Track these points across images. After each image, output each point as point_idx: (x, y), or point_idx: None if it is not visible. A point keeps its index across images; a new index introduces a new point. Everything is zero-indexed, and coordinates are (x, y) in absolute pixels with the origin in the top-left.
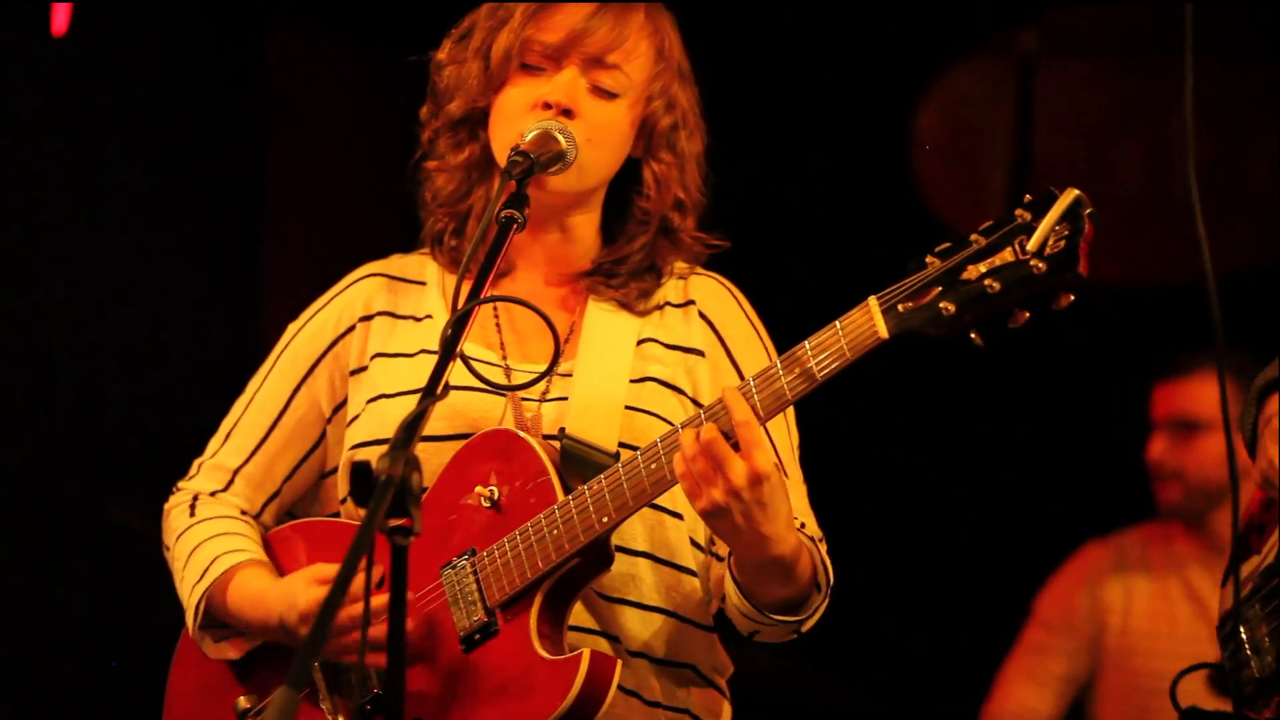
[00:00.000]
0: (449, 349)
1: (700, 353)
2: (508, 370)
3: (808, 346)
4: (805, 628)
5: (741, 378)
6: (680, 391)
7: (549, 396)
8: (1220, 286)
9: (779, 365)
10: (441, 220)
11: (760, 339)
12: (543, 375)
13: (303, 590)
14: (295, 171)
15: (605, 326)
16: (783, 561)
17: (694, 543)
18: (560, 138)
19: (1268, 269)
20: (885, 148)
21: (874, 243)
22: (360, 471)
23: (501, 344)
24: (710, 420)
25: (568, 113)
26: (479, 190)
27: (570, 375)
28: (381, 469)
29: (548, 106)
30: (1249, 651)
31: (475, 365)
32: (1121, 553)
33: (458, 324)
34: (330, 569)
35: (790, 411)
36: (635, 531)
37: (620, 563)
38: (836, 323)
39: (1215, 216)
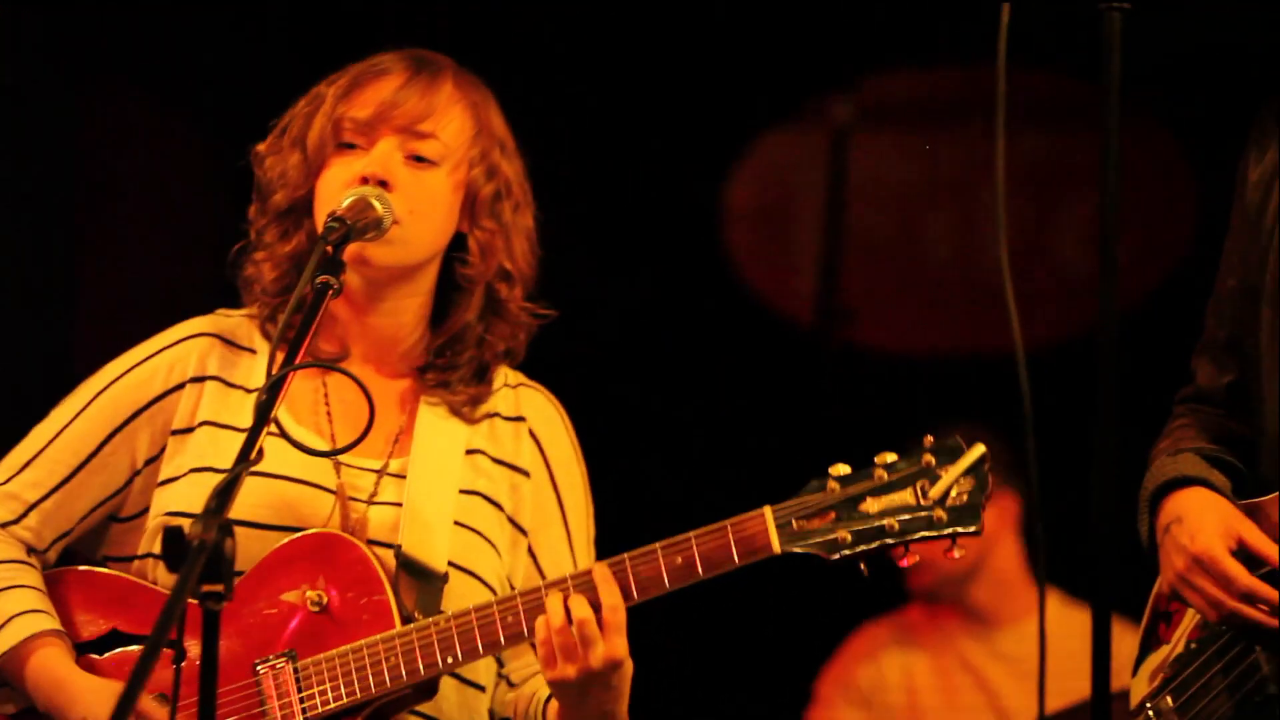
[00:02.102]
0: (263, 415)
1: (526, 473)
2: (337, 463)
3: (694, 540)
4: None
5: (560, 505)
6: (502, 509)
7: (377, 499)
8: (1028, 358)
9: (659, 550)
10: (268, 306)
11: (579, 465)
12: (350, 446)
13: (108, 702)
14: (105, 219)
15: (437, 430)
16: None
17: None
18: (376, 204)
19: (1076, 341)
20: (698, 216)
21: (687, 316)
22: (173, 536)
23: (332, 435)
24: (579, 593)
25: (385, 184)
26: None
27: (402, 477)
28: (194, 534)
29: (365, 181)
30: None
31: (292, 449)
32: (897, 631)
33: (272, 390)
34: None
35: (591, 505)
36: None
37: None
38: (728, 524)
39: (1025, 289)
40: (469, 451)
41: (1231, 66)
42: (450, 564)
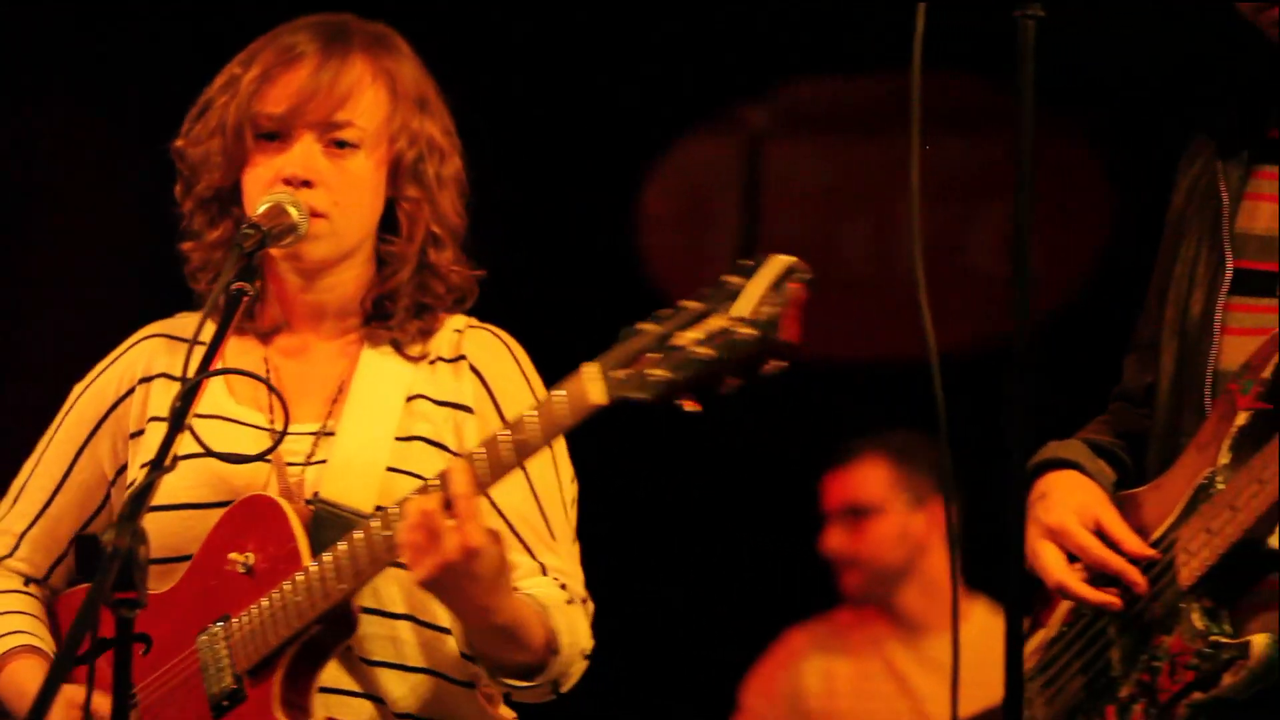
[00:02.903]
0: (177, 421)
1: (469, 409)
2: (273, 433)
3: (525, 414)
4: (564, 689)
5: None
6: (447, 450)
7: (314, 459)
8: (943, 363)
9: (504, 431)
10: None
11: (534, 394)
12: (264, 454)
13: (60, 708)
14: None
15: (375, 381)
16: (505, 630)
17: None
18: (292, 210)
19: (991, 346)
20: (614, 221)
21: (601, 322)
22: (86, 544)
23: (270, 406)
24: (439, 489)
25: (307, 184)
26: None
27: (333, 435)
28: (108, 541)
29: (287, 181)
30: None
31: (241, 428)
32: (821, 637)
33: (186, 396)
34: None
35: (565, 467)
36: (393, 594)
37: (380, 625)
38: (555, 389)
39: (939, 294)
40: (410, 398)
41: (1144, 73)
42: (378, 508)
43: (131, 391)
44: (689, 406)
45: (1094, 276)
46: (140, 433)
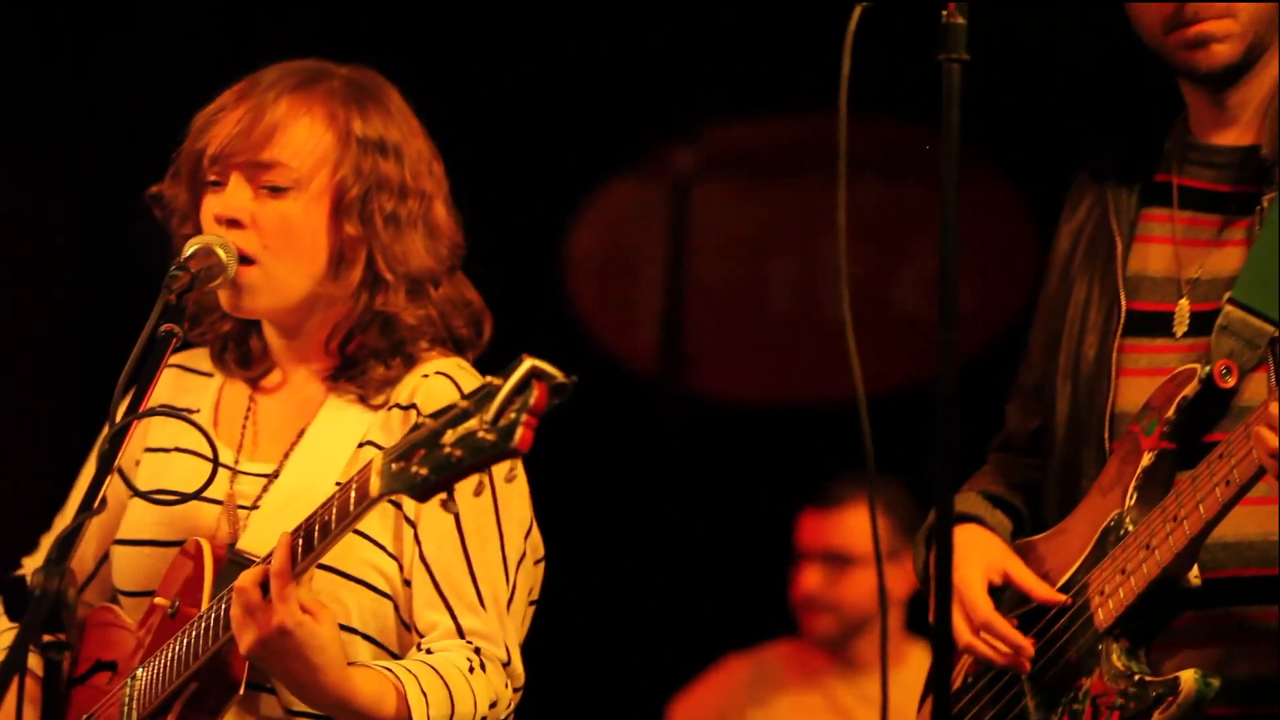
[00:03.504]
0: (106, 463)
1: None
2: (235, 474)
3: (335, 496)
4: None
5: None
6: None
7: (260, 504)
8: (870, 406)
9: (316, 514)
10: (210, 332)
11: None
12: (187, 498)
13: None
14: None
15: (331, 427)
16: (339, 705)
17: (404, 622)
18: (220, 251)
19: (917, 389)
20: (540, 264)
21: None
22: (12, 586)
23: (240, 444)
24: (263, 565)
25: (235, 224)
26: (188, 295)
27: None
28: (36, 584)
29: (219, 222)
30: None
31: (199, 462)
32: (761, 666)
33: (114, 439)
34: None
35: (512, 524)
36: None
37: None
38: (354, 476)
39: (866, 336)
40: (361, 444)
41: (1068, 116)
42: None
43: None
44: (451, 503)
45: (1019, 316)
46: (138, 463)
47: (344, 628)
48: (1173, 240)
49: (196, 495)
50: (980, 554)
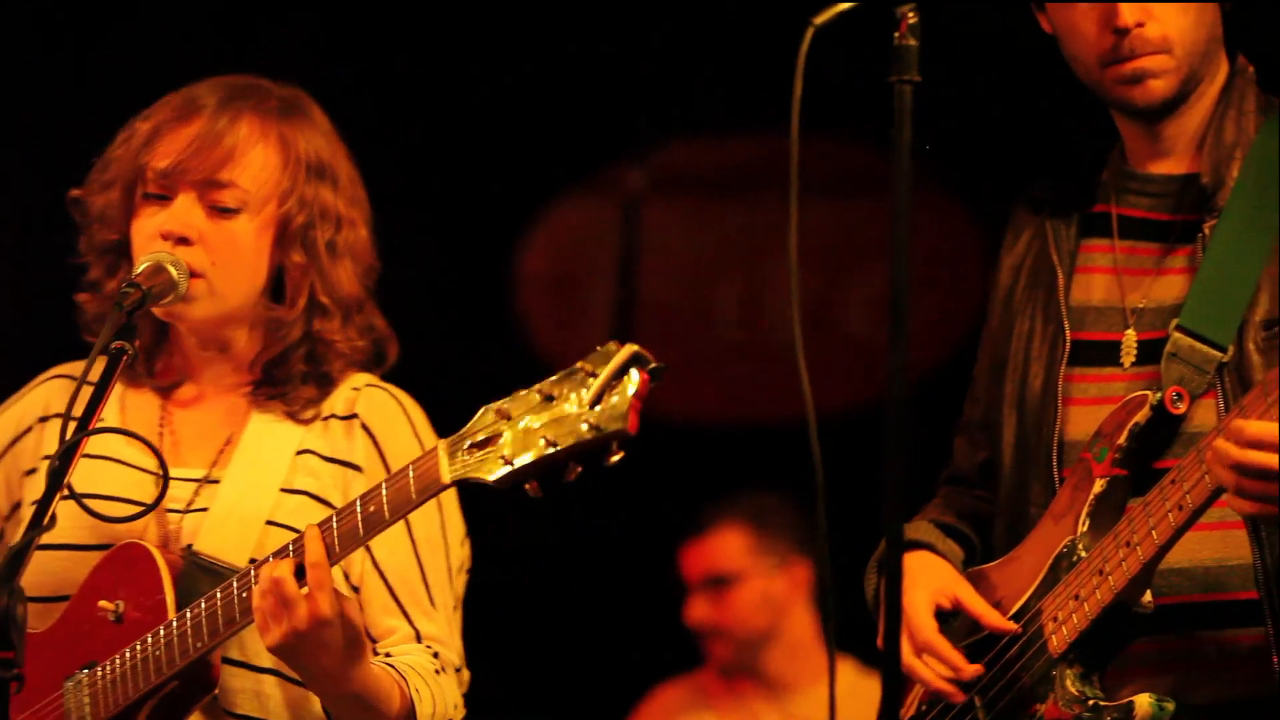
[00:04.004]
0: (56, 481)
1: (358, 467)
2: (158, 477)
3: (383, 487)
4: None
5: None
6: (331, 506)
7: (194, 507)
8: (820, 426)
9: (357, 503)
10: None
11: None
12: (140, 514)
13: None
14: None
15: (265, 435)
16: (358, 699)
17: None
18: (171, 269)
19: (866, 409)
20: (490, 281)
21: (478, 382)
22: None
23: (158, 452)
24: (294, 555)
25: (184, 241)
26: (138, 312)
27: (218, 483)
28: None
29: (165, 237)
30: None
31: (127, 469)
32: (691, 694)
33: (64, 456)
34: None
35: (455, 531)
36: (260, 648)
37: (246, 679)
38: (410, 465)
39: (816, 356)
40: (300, 452)
41: (1018, 139)
42: (253, 560)
43: (29, 430)
44: (532, 491)
45: (969, 339)
46: (34, 470)
47: (251, 667)
48: (1114, 269)
49: (152, 508)
50: (930, 579)
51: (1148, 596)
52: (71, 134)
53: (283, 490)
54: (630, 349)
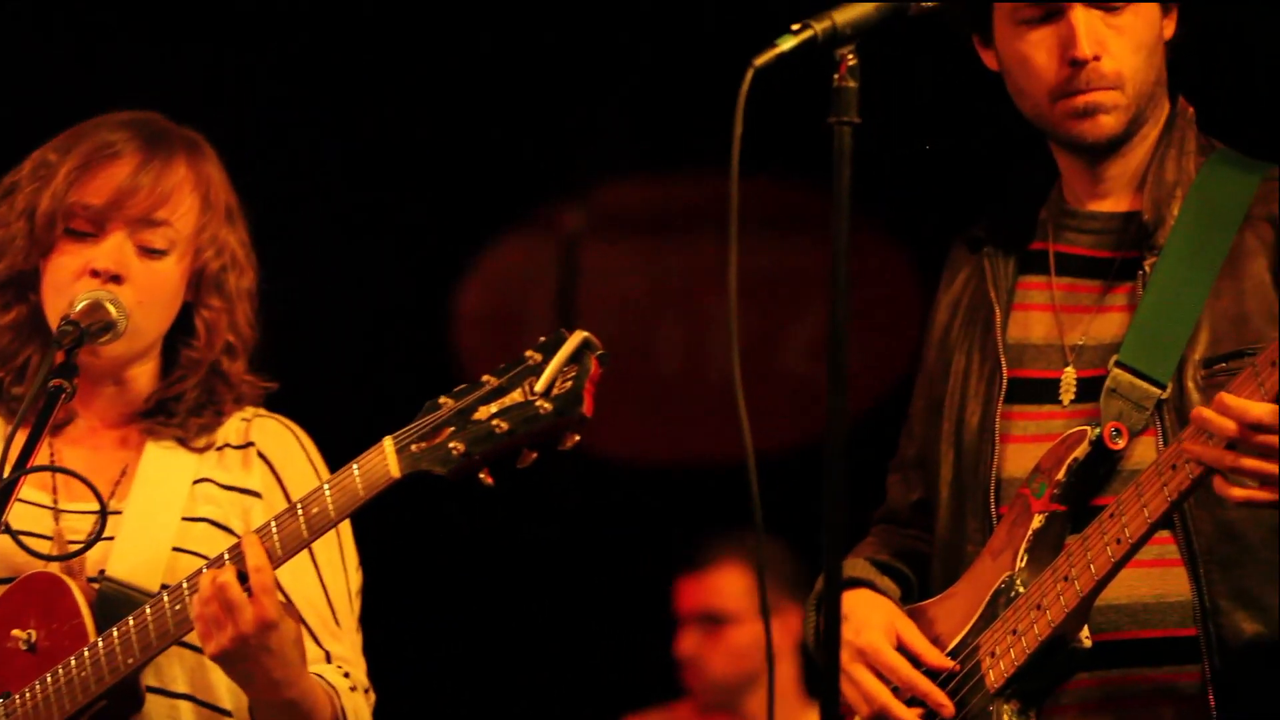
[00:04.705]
0: None
1: (257, 494)
2: (57, 513)
3: (326, 488)
4: None
5: None
6: (232, 533)
7: (96, 538)
8: (759, 465)
9: (298, 506)
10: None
11: (321, 481)
12: (88, 545)
13: None
14: None
15: (161, 465)
16: (296, 706)
17: None
18: (110, 308)
19: (805, 449)
20: (430, 320)
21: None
22: None
23: (54, 486)
24: (232, 562)
25: (116, 279)
26: (32, 345)
27: (119, 514)
28: None
29: (96, 274)
30: None
31: (23, 505)
32: None
33: (1, 494)
34: None
35: (352, 556)
36: (175, 673)
37: (161, 704)
38: (354, 463)
39: (755, 396)
40: (197, 481)
41: (957, 180)
42: (164, 586)
43: None
44: (486, 481)
45: (907, 379)
46: None
47: (166, 692)
48: (1053, 307)
49: (91, 544)
50: (879, 617)
51: (1085, 633)
52: None
53: (185, 519)
54: (581, 335)
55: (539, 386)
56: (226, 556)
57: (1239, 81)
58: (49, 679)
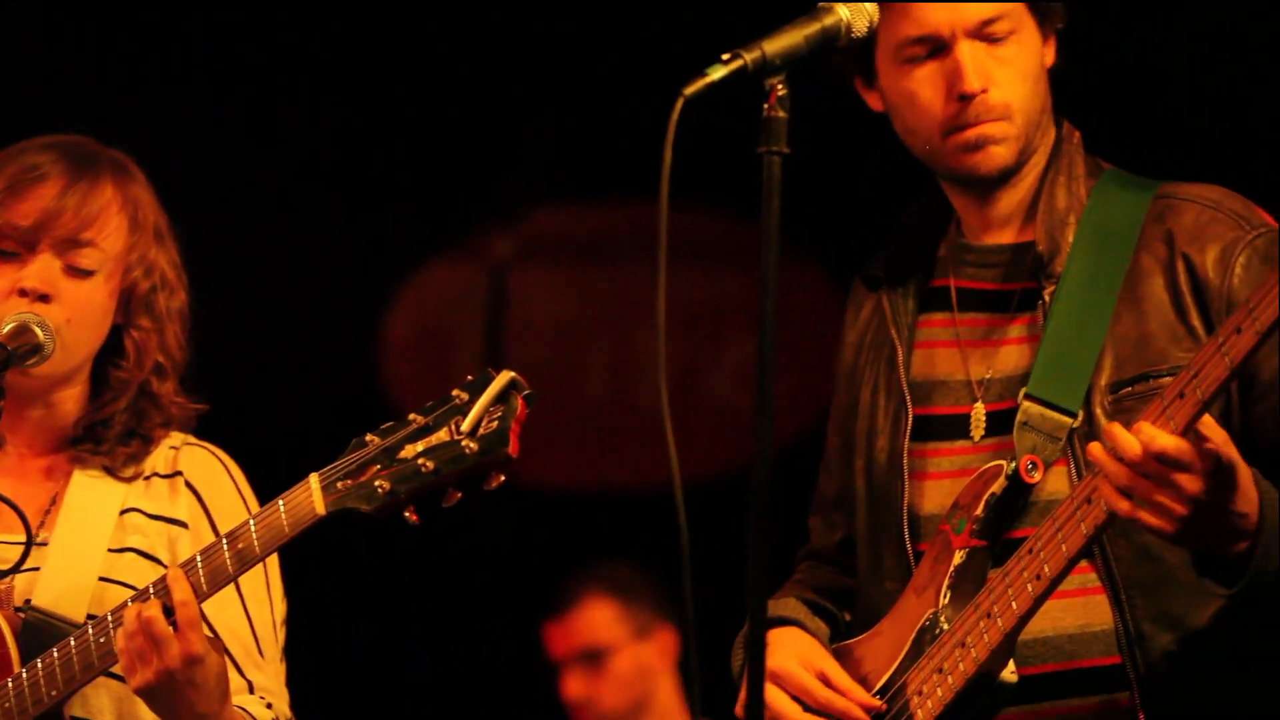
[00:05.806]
0: None
1: (183, 524)
2: None
3: (251, 523)
4: None
5: None
6: (159, 563)
7: (24, 567)
8: (686, 493)
9: (223, 541)
10: None
11: (249, 512)
12: (12, 570)
13: None
14: None
15: (88, 494)
16: None
17: None
18: (38, 330)
19: (732, 476)
20: (356, 346)
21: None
22: None
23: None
24: (157, 596)
25: (44, 298)
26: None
27: (46, 545)
28: None
29: (24, 293)
30: None
31: None
32: None
33: None
34: None
35: (277, 586)
36: (102, 703)
37: None
38: (279, 500)
39: (683, 424)
40: (124, 511)
41: (887, 210)
42: (90, 616)
43: None
44: (411, 519)
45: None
46: None
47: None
48: (957, 343)
49: (15, 570)
50: (799, 649)
51: (1010, 667)
52: None
53: (111, 550)
54: (507, 375)
55: (465, 426)
56: (152, 590)
57: (1121, 100)
58: None
